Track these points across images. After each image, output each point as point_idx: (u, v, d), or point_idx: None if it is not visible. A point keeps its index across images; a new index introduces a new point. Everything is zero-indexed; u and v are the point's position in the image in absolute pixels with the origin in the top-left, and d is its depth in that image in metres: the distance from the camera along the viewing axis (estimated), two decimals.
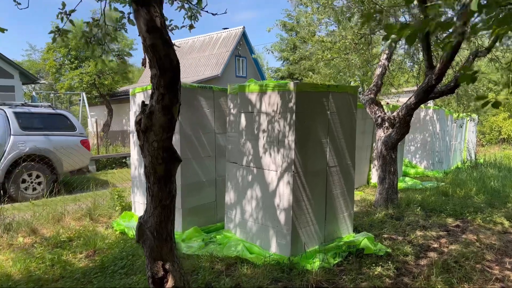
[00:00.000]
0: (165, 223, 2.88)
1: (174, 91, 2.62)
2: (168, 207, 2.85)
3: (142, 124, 2.66)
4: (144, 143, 2.71)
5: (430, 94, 5.98)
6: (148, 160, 2.72)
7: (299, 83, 4.15)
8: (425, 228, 5.73)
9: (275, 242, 4.37)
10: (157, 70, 2.56)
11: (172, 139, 2.75)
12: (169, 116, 2.64)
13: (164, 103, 2.60)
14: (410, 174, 11.41)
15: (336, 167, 4.74)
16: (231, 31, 23.63)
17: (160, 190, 2.79)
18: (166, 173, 2.76)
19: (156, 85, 2.59)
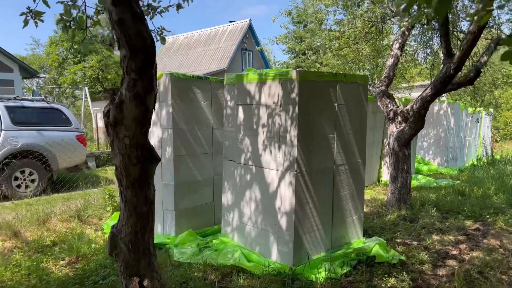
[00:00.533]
0: (142, 233, 2.44)
1: (148, 77, 2.17)
2: (144, 215, 2.42)
3: (111, 117, 2.22)
4: (114, 139, 2.27)
5: (448, 85, 5.47)
6: (119, 159, 2.28)
7: (302, 71, 3.68)
8: (442, 231, 5.24)
9: (276, 249, 3.92)
10: (126, 51, 2.11)
11: (147, 134, 2.31)
12: (142, 107, 2.19)
13: (136, 91, 2.16)
14: (423, 171, 10.87)
15: (345, 166, 4.27)
16: (237, 24, 23.12)
17: (135, 196, 2.35)
18: (141, 175, 2.32)
19: (126, 69, 2.14)
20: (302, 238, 3.83)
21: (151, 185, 2.40)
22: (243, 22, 22.90)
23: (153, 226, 2.51)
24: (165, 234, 4.74)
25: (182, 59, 24.34)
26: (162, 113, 4.65)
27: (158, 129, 4.71)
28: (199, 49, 23.84)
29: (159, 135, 4.70)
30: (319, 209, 3.99)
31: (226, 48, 22.11)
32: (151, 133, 4.80)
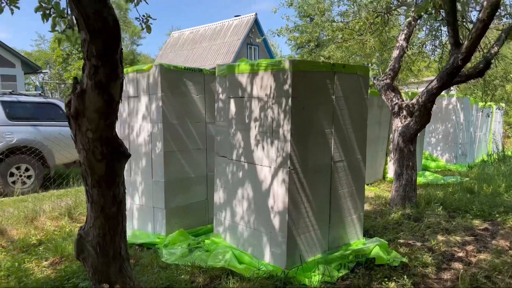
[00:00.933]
0: (111, 236, 2.23)
1: (112, 63, 1.94)
2: (113, 216, 2.20)
3: (72, 107, 2.00)
4: (76, 132, 2.05)
5: (455, 77, 5.18)
6: (82, 155, 2.07)
7: (296, 61, 3.44)
8: (448, 231, 4.97)
9: (269, 251, 3.69)
10: (85, 33, 1.89)
11: (113, 127, 2.08)
12: (106, 96, 1.97)
13: (98, 79, 1.93)
14: (430, 168, 10.54)
15: (343, 162, 4.01)
16: (243, 19, 22.83)
17: (102, 195, 2.14)
18: (108, 173, 2.10)
19: (87, 54, 1.92)
20: (296, 239, 3.60)
21: (120, 184, 2.18)
22: (249, 16, 22.61)
23: (124, 228, 2.30)
24: (155, 233, 4.53)
25: (187, 54, 24.15)
26: (151, 107, 4.43)
27: (148, 124, 4.50)
28: (205, 44, 23.62)
29: (149, 130, 4.49)
30: (315, 208, 3.75)
31: (232, 42, 21.86)
32: (141, 128, 4.59)
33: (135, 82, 4.60)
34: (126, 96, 4.77)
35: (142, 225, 4.71)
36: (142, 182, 4.65)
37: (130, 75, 4.67)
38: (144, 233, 4.54)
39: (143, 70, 4.47)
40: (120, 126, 4.90)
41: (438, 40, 8.44)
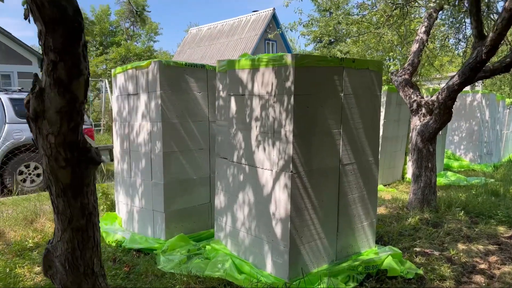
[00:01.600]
0: (82, 251, 2.00)
1: (73, 57, 1.71)
2: (82, 229, 1.97)
3: (31, 108, 1.78)
4: (37, 136, 1.82)
5: (478, 73, 4.77)
6: (45, 161, 1.84)
7: (299, 55, 3.14)
8: (469, 239, 4.60)
9: (271, 260, 3.43)
10: (41, 24, 1.65)
11: (79, 130, 1.85)
12: (68, 95, 1.74)
13: (57, 76, 1.70)
14: (453, 167, 10.06)
15: (353, 165, 3.70)
16: (261, 14, 22.51)
17: (68, 206, 1.91)
18: (74, 181, 1.87)
19: (44, 47, 1.69)
20: (299, 248, 3.32)
21: (89, 193, 1.95)
22: (267, 11, 22.26)
23: (96, 241, 2.07)
24: (155, 238, 4.33)
25: (205, 51, 24.00)
26: (151, 105, 4.21)
27: (147, 123, 4.29)
28: (222, 40, 23.41)
29: (149, 129, 4.27)
30: (321, 215, 3.46)
31: (249, 38, 21.57)
32: (141, 127, 4.38)
33: (134, 79, 4.39)
34: (126, 94, 4.57)
35: (142, 228, 4.51)
36: (142, 184, 4.44)
37: (129, 71, 4.46)
38: (143, 238, 4.33)
39: (142, 66, 4.25)
40: (120, 125, 4.71)
41: (461, 33, 7.97)
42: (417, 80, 14.11)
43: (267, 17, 21.87)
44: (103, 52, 18.07)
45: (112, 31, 21.33)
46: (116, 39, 20.76)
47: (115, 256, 3.95)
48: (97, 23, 20.30)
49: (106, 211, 5.29)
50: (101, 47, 18.01)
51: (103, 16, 20.55)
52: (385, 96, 7.56)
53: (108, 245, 4.35)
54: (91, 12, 21.04)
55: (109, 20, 20.96)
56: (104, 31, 20.58)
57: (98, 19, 20.61)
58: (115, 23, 20.92)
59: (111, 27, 21.25)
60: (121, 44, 19.94)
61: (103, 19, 20.58)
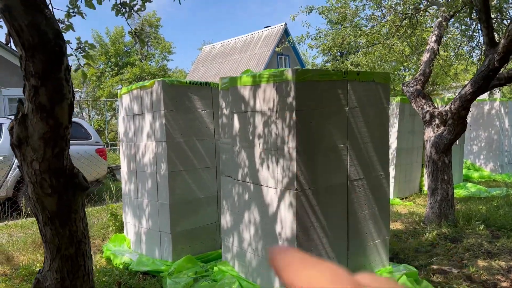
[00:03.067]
0: (72, 280, 1.93)
1: (55, 81, 1.67)
2: (72, 257, 1.90)
3: (14, 135, 1.73)
4: (21, 163, 1.78)
5: (492, 81, 4.60)
6: (30, 189, 1.79)
7: (300, 70, 3.06)
8: (490, 255, 4.37)
9: (279, 284, 3.30)
10: (21, 49, 1.61)
11: (64, 156, 1.79)
12: (50, 120, 1.69)
13: (39, 101, 1.65)
14: (473, 178, 9.74)
15: (362, 181, 3.57)
16: (273, 29, 22.62)
17: (56, 235, 1.85)
18: (60, 209, 1.81)
19: (25, 72, 1.65)
20: None
21: (77, 220, 1.89)
22: (279, 26, 22.36)
23: (87, 269, 1.99)
24: (162, 260, 4.24)
25: (218, 68, 24.19)
26: (155, 125, 4.18)
27: (152, 143, 4.25)
28: (235, 57, 23.56)
29: (154, 149, 4.23)
30: (329, 234, 3.33)
31: (261, 54, 21.66)
32: (146, 147, 4.35)
33: (139, 100, 4.38)
34: (132, 114, 4.56)
35: (150, 250, 4.44)
36: (149, 204, 4.39)
37: (134, 92, 4.46)
38: (151, 259, 4.26)
39: (146, 86, 4.24)
40: (127, 146, 4.69)
41: (475, 40, 7.78)
42: (434, 89, 13.85)
43: (279, 32, 21.96)
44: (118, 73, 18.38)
45: (127, 52, 21.76)
46: (130, 60, 21.15)
47: (121, 279, 3.88)
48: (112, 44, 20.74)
49: (115, 232, 5.24)
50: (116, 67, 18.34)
51: (118, 37, 21.01)
52: (398, 108, 7.40)
53: (115, 267, 4.28)
54: (106, 34, 21.60)
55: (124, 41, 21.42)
56: (118, 52, 20.99)
57: (113, 41, 21.06)
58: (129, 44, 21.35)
59: (125, 48, 21.70)
60: (135, 64, 20.27)
61: (118, 40, 21.03)
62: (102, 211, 6.38)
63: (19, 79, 13.72)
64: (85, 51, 3.38)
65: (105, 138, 17.32)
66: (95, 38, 21.22)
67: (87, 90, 21.37)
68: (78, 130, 8.07)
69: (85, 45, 3.30)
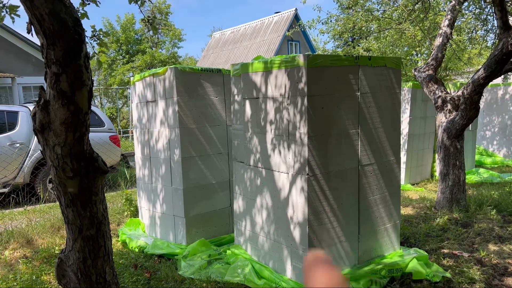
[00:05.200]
0: (93, 260, 2.02)
1: (75, 69, 1.72)
2: (93, 238, 1.99)
3: (37, 121, 1.81)
4: (44, 148, 1.85)
5: (505, 65, 4.55)
6: (53, 172, 1.86)
7: (311, 56, 3.08)
8: (501, 239, 4.39)
9: (290, 265, 3.37)
10: (42, 37, 1.67)
11: (84, 141, 1.86)
12: (71, 106, 1.75)
13: (60, 88, 1.72)
14: (486, 164, 9.68)
15: (373, 166, 3.60)
16: (283, 15, 22.43)
17: (78, 216, 1.93)
18: (82, 191, 1.89)
19: (46, 60, 1.71)
20: None
21: (97, 203, 1.96)
22: (289, 12, 22.16)
23: (108, 250, 2.08)
24: (176, 243, 4.35)
25: (228, 54, 24.14)
26: (168, 112, 4.25)
27: (166, 129, 4.32)
28: (245, 43, 23.47)
29: (167, 136, 4.31)
30: (340, 218, 3.38)
31: (272, 40, 21.53)
32: (160, 133, 4.42)
33: (152, 87, 4.44)
34: (145, 101, 4.63)
35: (164, 234, 4.55)
36: (163, 189, 4.48)
37: (147, 79, 4.52)
38: (165, 243, 4.36)
39: (159, 73, 4.29)
40: (141, 132, 4.77)
41: (489, 24, 7.65)
42: (447, 74, 13.67)
43: (289, 17, 21.77)
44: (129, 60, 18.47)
45: (138, 39, 21.81)
46: (141, 47, 21.18)
47: (137, 262, 3.99)
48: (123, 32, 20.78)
49: (130, 217, 5.37)
50: (127, 55, 18.42)
51: (128, 24, 21.05)
52: (410, 93, 7.36)
53: (131, 250, 4.40)
54: (117, 21, 21.65)
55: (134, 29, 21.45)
56: (129, 39, 21.06)
57: (124, 28, 21.11)
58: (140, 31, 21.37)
59: (136, 36, 21.75)
60: (146, 52, 20.32)
61: (128, 28, 21.07)
62: (117, 197, 6.52)
63: (34, 68, 13.92)
64: (99, 39, 3.44)
65: (117, 126, 17.51)
66: (106, 25, 21.34)
67: (99, 78, 21.57)
68: (92, 117, 8.10)
69: (99, 33, 3.35)
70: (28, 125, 7.43)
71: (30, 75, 13.66)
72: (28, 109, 7.56)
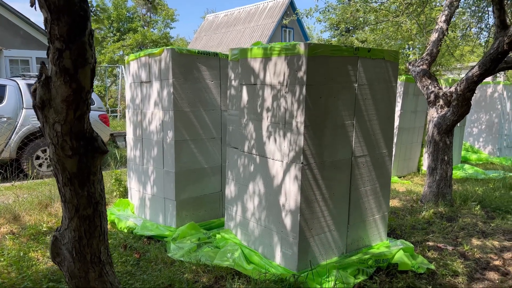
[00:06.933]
0: (88, 239, 2.02)
1: (79, 46, 1.69)
2: (89, 218, 1.98)
3: (37, 97, 1.77)
4: (44, 125, 1.82)
5: (500, 63, 4.61)
6: (51, 150, 1.84)
7: (312, 44, 3.07)
8: (484, 234, 4.50)
9: (280, 251, 3.42)
10: (46, 11, 1.63)
11: (85, 119, 1.84)
12: (74, 84, 1.72)
13: (63, 65, 1.68)
14: (471, 160, 9.85)
15: (366, 157, 3.64)
16: (278, 0, 22.22)
17: (75, 195, 1.91)
18: (80, 170, 1.87)
19: (50, 35, 1.67)
20: (309, 241, 3.29)
21: (95, 182, 1.95)
22: None
23: (103, 230, 2.08)
24: (166, 225, 4.36)
25: (221, 38, 23.89)
26: (163, 94, 4.20)
27: (159, 111, 4.29)
28: (239, 27, 23.24)
29: (161, 117, 4.27)
30: (331, 207, 3.42)
31: (266, 25, 21.35)
32: (153, 115, 4.38)
33: (147, 67, 4.38)
34: (139, 82, 4.57)
35: (154, 216, 4.55)
36: (154, 171, 4.46)
37: (142, 59, 4.46)
38: (155, 225, 4.37)
39: (154, 54, 4.23)
40: (133, 112, 4.72)
41: (484, 22, 7.71)
42: (437, 70, 13.78)
43: (284, 3, 21.58)
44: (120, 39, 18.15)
45: (129, 17, 21.39)
46: (133, 26, 20.81)
47: (126, 242, 3.99)
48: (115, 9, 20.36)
49: (119, 197, 5.34)
50: (118, 33, 18.08)
51: (121, 1, 20.62)
52: (402, 87, 7.41)
53: (119, 231, 4.40)
54: None
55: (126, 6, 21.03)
56: (121, 17, 20.66)
57: (115, 5, 20.69)
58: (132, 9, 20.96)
59: (128, 13, 21.32)
60: (137, 31, 19.99)
61: (120, 5, 20.65)
62: (106, 176, 6.45)
63: (22, 41, 13.59)
64: (96, 15, 3.37)
65: (105, 104, 17.28)
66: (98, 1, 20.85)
67: None
68: None
69: (96, 9, 3.29)
70: (16, 100, 7.29)
71: (18, 48, 13.35)
72: (16, 83, 7.40)
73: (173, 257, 3.68)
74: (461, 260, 3.79)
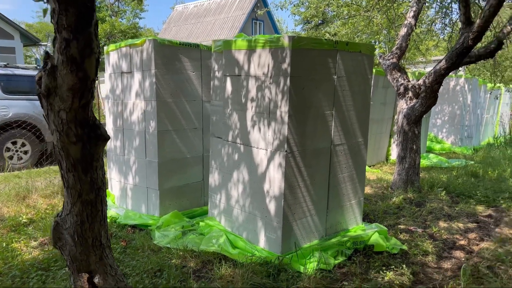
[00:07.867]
0: (90, 223, 2.09)
1: (86, 36, 1.75)
2: (91, 203, 2.05)
3: (43, 85, 1.83)
4: (48, 112, 1.88)
5: (465, 58, 4.92)
6: (56, 137, 1.90)
7: (296, 37, 3.21)
8: (450, 217, 4.83)
9: (264, 236, 3.57)
10: (54, 2, 1.69)
11: (89, 107, 1.91)
12: (80, 73, 1.79)
13: (70, 54, 1.75)
14: (435, 150, 10.36)
15: (343, 145, 3.84)
16: None
17: (78, 181, 1.98)
18: (84, 157, 1.94)
19: (57, 26, 1.73)
20: (292, 225, 3.46)
21: (98, 168, 2.02)
22: None
23: (104, 214, 2.15)
24: (149, 215, 4.42)
25: (191, 29, 23.69)
26: (145, 84, 4.24)
27: (141, 102, 4.32)
28: (209, 19, 23.11)
29: (143, 108, 4.31)
30: (312, 193, 3.60)
31: (236, 17, 21.35)
32: (135, 105, 4.41)
33: (128, 57, 4.40)
34: (119, 72, 4.58)
35: (136, 205, 4.59)
36: (136, 162, 4.50)
37: (123, 49, 4.46)
38: (137, 214, 4.42)
39: (136, 44, 4.26)
40: (113, 103, 4.72)
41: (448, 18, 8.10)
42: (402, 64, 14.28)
43: None
44: None
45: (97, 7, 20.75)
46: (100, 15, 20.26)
47: (112, 231, 4.04)
48: None
49: None
50: None
51: None
52: (372, 79, 7.69)
53: None
54: None
55: None
56: None
57: None
58: None
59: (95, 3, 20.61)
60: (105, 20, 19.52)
61: None
62: None
63: None
64: None
65: None
66: None
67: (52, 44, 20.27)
68: None
69: None
70: None
71: None
72: None
73: (159, 244, 3.76)
74: (430, 241, 4.07)
